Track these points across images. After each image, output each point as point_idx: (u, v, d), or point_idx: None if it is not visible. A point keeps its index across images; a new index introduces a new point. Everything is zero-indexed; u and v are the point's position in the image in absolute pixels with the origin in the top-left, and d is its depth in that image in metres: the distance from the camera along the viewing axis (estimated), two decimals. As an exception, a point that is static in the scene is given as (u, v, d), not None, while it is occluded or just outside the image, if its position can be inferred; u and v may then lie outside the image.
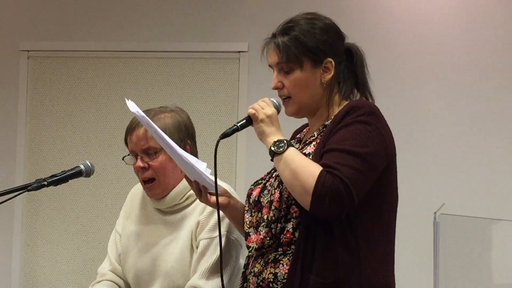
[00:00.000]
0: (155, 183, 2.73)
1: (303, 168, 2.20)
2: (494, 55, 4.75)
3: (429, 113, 4.77)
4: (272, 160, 2.30)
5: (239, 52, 4.97)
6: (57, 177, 2.56)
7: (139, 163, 2.72)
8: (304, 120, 2.56)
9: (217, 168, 2.31)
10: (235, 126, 2.32)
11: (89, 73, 5.14)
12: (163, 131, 2.65)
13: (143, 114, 2.36)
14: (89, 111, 5.12)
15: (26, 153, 5.16)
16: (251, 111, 2.33)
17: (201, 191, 2.42)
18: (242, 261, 2.72)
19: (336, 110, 2.38)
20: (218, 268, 2.58)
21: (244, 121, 2.33)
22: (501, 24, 4.75)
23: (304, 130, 2.56)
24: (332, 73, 2.37)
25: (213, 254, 2.63)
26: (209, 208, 2.67)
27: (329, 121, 2.36)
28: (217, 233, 2.60)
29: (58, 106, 5.15)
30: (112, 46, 5.12)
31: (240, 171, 4.92)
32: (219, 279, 2.54)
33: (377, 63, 4.82)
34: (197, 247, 2.68)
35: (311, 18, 2.40)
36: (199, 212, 2.71)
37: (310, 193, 2.16)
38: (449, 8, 4.80)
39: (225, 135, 2.30)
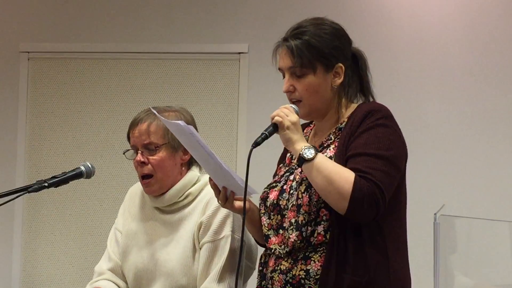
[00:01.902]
0: (152, 179, 2.74)
1: (337, 174, 2.25)
2: (493, 56, 4.75)
3: (429, 114, 4.77)
4: (300, 166, 2.33)
5: (239, 53, 4.97)
6: (57, 179, 2.56)
7: (139, 157, 2.73)
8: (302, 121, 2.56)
9: (248, 174, 2.34)
10: (264, 134, 2.33)
11: (89, 74, 5.14)
12: (165, 128, 2.69)
13: (184, 124, 2.37)
14: (90, 112, 5.12)
15: (26, 154, 5.16)
16: (278, 118, 2.34)
17: (226, 197, 2.46)
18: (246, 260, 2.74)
19: (345, 112, 2.45)
20: (229, 269, 2.62)
21: (271, 128, 2.35)
22: (500, 26, 4.76)
23: (305, 130, 2.59)
24: (342, 78, 2.43)
25: (222, 256, 2.64)
26: (210, 209, 2.68)
27: (342, 124, 2.42)
28: (222, 235, 2.66)
29: (58, 107, 5.16)
30: (112, 47, 5.13)
31: (240, 171, 4.92)
32: (231, 280, 2.58)
33: (377, 64, 4.79)
34: (200, 248, 2.69)
35: (320, 23, 2.44)
36: (200, 213, 2.71)
37: (347, 198, 2.23)
38: (448, 9, 4.80)
39: (257, 144, 2.33)
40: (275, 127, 2.35)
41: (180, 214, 2.75)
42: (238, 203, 2.45)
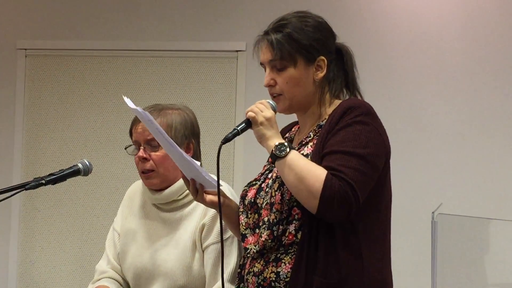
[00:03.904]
0: (153, 173, 2.72)
1: (309, 172, 2.19)
2: (491, 55, 4.75)
3: (426, 113, 4.77)
4: (273, 163, 2.30)
5: (237, 51, 4.97)
6: (55, 176, 2.55)
7: (141, 153, 2.72)
8: (292, 118, 2.54)
9: (219, 171, 2.28)
10: (235, 130, 2.29)
11: (86, 71, 5.13)
12: (170, 126, 2.67)
13: (142, 110, 2.34)
14: (87, 109, 5.11)
15: (23, 151, 5.16)
16: (251, 114, 2.29)
17: (197, 190, 2.41)
18: None
19: (328, 108, 2.39)
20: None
21: (244, 124, 2.30)
22: (499, 24, 4.76)
23: (293, 129, 2.55)
24: (325, 71, 2.37)
25: (230, 256, 2.62)
26: (212, 211, 2.65)
27: (323, 121, 2.37)
28: (227, 235, 2.62)
29: (55, 105, 5.15)
30: (110, 45, 5.12)
31: (237, 171, 4.92)
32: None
33: (375, 63, 4.82)
34: (204, 251, 2.67)
35: (303, 16, 2.40)
36: (201, 214, 2.70)
37: (318, 197, 2.16)
38: (447, 8, 4.80)
39: (226, 140, 2.28)
40: (248, 123, 2.30)
41: (180, 213, 2.74)
42: (210, 197, 2.39)
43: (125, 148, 2.78)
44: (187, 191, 2.71)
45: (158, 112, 2.70)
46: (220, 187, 2.37)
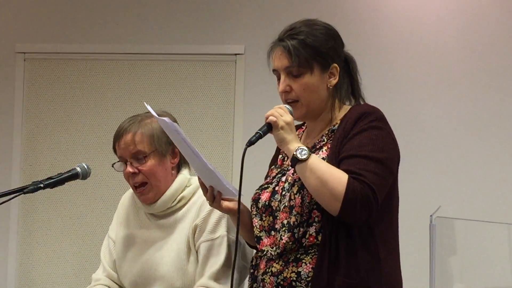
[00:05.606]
0: (147, 187, 2.73)
1: (330, 175, 2.25)
2: (489, 58, 4.75)
3: (425, 116, 4.78)
4: (293, 167, 2.34)
5: (236, 54, 4.97)
6: (53, 180, 2.56)
7: (129, 169, 2.72)
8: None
9: (242, 173, 2.33)
10: (258, 134, 2.33)
11: (85, 75, 5.14)
12: (151, 136, 2.69)
13: (170, 121, 2.37)
14: (86, 113, 5.12)
15: (22, 155, 5.16)
16: (272, 118, 2.34)
17: (214, 197, 2.46)
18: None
19: (338, 114, 2.45)
20: (226, 268, 2.61)
21: (266, 128, 2.34)
22: (496, 27, 4.76)
23: (297, 132, 2.57)
24: (337, 78, 2.43)
25: (219, 255, 2.64)
26: (204, 211, 2.68)
27: (335, 125, 2.42)
28: (217, 234, 2.65)
29: (54, 109, 5.15)
30: (109, 48, 5.12)
31: (236, 172, 4.92)
32: (228, 279, 2.57)
33: (374, 65, 4.83)
34: (196, 251, 2.69)
35: (313, 24, 2.45)
36: (194, 216, 2.71)
37: (340, 199, 2.23)
38: (444, 11, 4.81)
39: (251, 143, 2.32)
40: (269, 127, 2.34)
41: (173, 218, 2.75)
42: (226, 203, 2.45)
43: (112, 165, 2.78)
44: (179, 196, 2.76)
45: (138, 124, 2.70)
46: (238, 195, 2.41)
